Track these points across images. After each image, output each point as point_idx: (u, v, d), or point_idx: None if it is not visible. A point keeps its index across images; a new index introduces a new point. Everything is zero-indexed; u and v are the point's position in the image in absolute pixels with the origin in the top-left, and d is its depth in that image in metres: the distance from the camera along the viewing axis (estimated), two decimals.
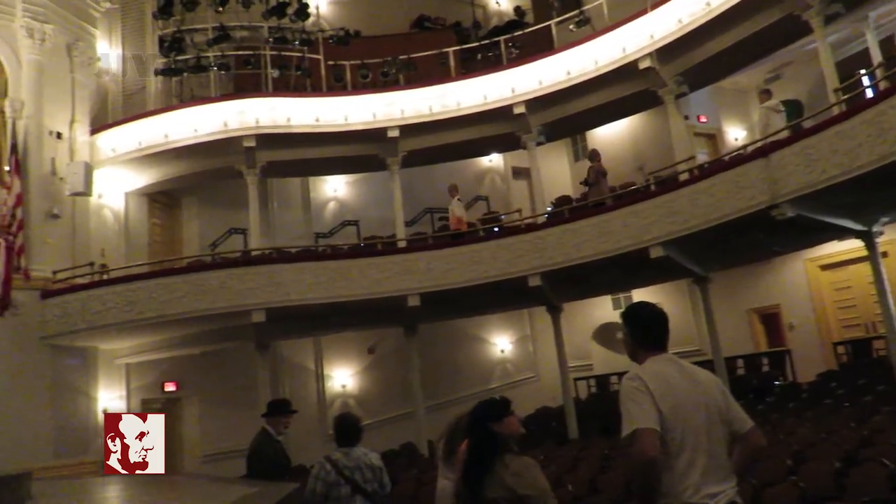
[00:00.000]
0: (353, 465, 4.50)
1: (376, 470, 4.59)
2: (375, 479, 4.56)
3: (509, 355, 16.64)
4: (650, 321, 2.81)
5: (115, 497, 4.89)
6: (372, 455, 4.69)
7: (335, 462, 4.50)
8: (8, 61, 11.73)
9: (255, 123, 12.75)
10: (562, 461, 8.91)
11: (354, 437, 4.69)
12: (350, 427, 4.74)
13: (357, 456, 4.57)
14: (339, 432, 4.69)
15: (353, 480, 4.45)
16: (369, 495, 4.50)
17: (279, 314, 11.47)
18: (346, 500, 4.44)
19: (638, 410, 2.52)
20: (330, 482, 4.46)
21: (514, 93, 12.87)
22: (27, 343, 11.04)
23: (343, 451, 4.59)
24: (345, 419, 4.82)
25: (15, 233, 11.00)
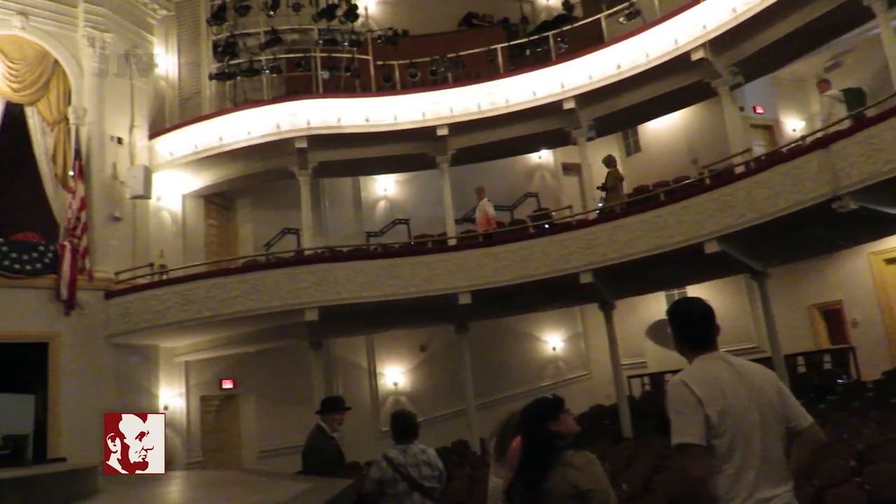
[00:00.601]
0: (410, 462, 4.53)
1: (434, 466, 4.62)
2: (433, 476, 4.58)
3: (561, 353, 16.51)
4: (694, 319, 2.68)
5: (177, 491, 5.03)
6: (429, 452, 4.71)
7: (391, 459, 4.53)
8: (71, 70, 12.17)
9: (306, 125, 12.93)
10: (616, 460, 8.80)
11: (411, 434, 4.72)
12: (407, 424, 4.77)
13: (414, 453, 4.59)
14: (395, 429, 4.73)
15: (409, 477, 4.48)
16: (427, 492, 4.52)
17: (332, 313, 11.61)
18: (403, 496, 4.47)
19: (683, 423, 2.43)
20: (386, 479, 4.50)
21: (563, 88, 12.74)
22: (93, 342, 11.45)
23: (400, 448, 4.62)
24: (401, 416, 4.86)
25: (79, 235, 11.43)
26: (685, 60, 11.59)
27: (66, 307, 11.19)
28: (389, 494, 4.48)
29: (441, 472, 4.68)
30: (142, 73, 13.15)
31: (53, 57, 12.07)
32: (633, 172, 16.69)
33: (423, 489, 4.51)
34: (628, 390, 13.99)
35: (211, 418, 13.59)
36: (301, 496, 3.46)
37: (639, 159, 17.04)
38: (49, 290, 11.11)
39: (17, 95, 11.62)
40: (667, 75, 12.04)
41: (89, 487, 4.45)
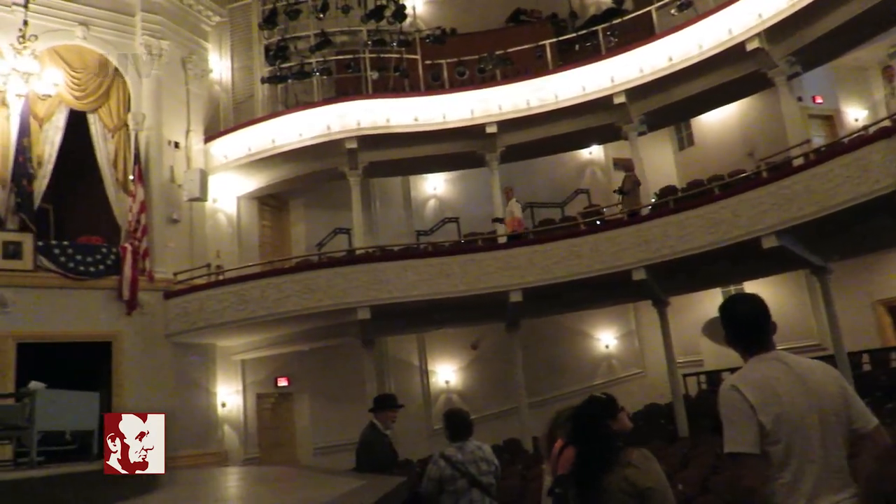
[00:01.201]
0: (467, 459, 4.55)
1: (490, 462, 4.63)
2: (491, 472, 4.59)
3: (614, 351, 16.30)
4: (747, 317, 2.52)
5: (235, 486, 5.14)
6: (485, 448, 4.73)
7: (449, 457, 4.55)
8: (130, 77, 12.55)
9: (356, 125, 13.06)
10: (672, 460, 8.65)
11: (466, 431, 4.73)
12: (461, 422, 4.79)
13: (471, 450, 4.61)
14: (450, 428, 4.74)
15: (469, 474, 4.50)
16: (485, 488, 4.53)
17: (383, 311, 11.71)
18: (462, 493, 4.49)
19: (735, 431, 2.33)
20: (445, 477, 4.52)
21: (613, 82, 12.57)
22: (153, 341, 11.79)
23: (456, 445, 4.64)
24: (455, 414, 4.87)
25: (140, 238, 11.79)
26: (740, 51, 11.31)
27: (128, 307, 11.56)
28: (448, 492, 4.50)
29: (497, 468, 4.69)
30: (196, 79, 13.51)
31: (113, 65, 12.46)
32: (686, 167, 16.39)
33: (482, 485, 4.52)
34: (684, 389, 13.72)
35: (267, 415, 13.85)
36: (355, 492, 3.49)
37: (692, 153, 16.70)
38: (112, 291, 11.49)
39: (79, 103, 12.04)
40: (721, 66, 11.77)
41: (152, 482, 4.58)
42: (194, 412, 12.12)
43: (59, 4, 11.87)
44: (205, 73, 14.01)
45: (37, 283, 10.87)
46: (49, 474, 3.74)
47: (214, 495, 4.62)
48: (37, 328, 10.73)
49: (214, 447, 12.25)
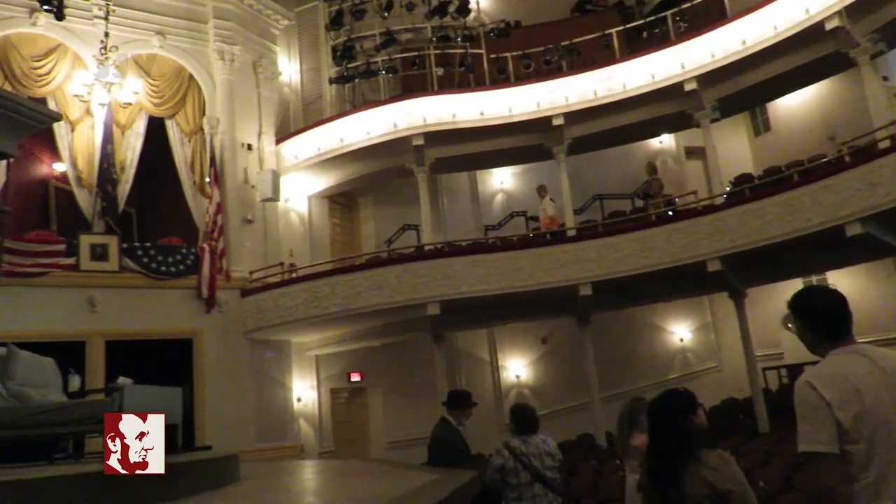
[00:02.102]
0: (532, 452, 4.52)
1: (554, 457, 4.59)
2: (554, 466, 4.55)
3: (689, 344, 15.90)
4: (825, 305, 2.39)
5: (311, 479, 5.26)
6: (550, 442, 4.70)
7: (513, 448, 4.54)
8: (204, 83, 12.97)
9: (422, 122, 13.13)
10: (752, 456, 8.39)
11: (532, 425, 4.71)
12: (527, 416, 4.78)
13: (536, 443, 4.59)
14: (516, 421, 4.73)
15: (531, 466, 4.47)
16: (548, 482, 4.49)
17: (453, 306, 11.75)
18: (525, 487, 4.47)
19: (811, 429, 2.21)
20: (508, 468, 4.51)
21: (683, 69, 12.22)
22: (231, 338, 12.17)
23: (521, 438, 4.62)
24: (522, 409, 4.87)
25: (216, 238, 12.18)
26: (819, 30, 10.81)
27: (207, 305, 11.97)
28: (511, 484, 4.48)
29: (561, 463, 4.65)
30: (266, 82, 13.87)
31: (188, 72, 12.90)
32: (762, 153, 15.83)
33: (545, 479, 4.48)
34: (763, 383, 13.27)
35: (341, 410, 14.12)
36: (427, 486, 3.52)
37: (769, 139, 16.10)
38: (191, 290, 11.92)
39: (157, 110, 12.51)
40: (798, 48, 11.28)
41: (232, 474, 4.74)
42: (272, 407, 12.46)
43: (137, 16, 12.36)
44: (274, 75, 14.34)
45: (122, 284, 11.37)
46: None
47: (292, 488, 4.74)
48: (123, 326, 11.22)
49: (291, 441, 12.56)
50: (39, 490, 3.03)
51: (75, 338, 10.73)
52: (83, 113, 11.74)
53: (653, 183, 12.75)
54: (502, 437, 4.84)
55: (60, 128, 11.39)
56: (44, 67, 11.53)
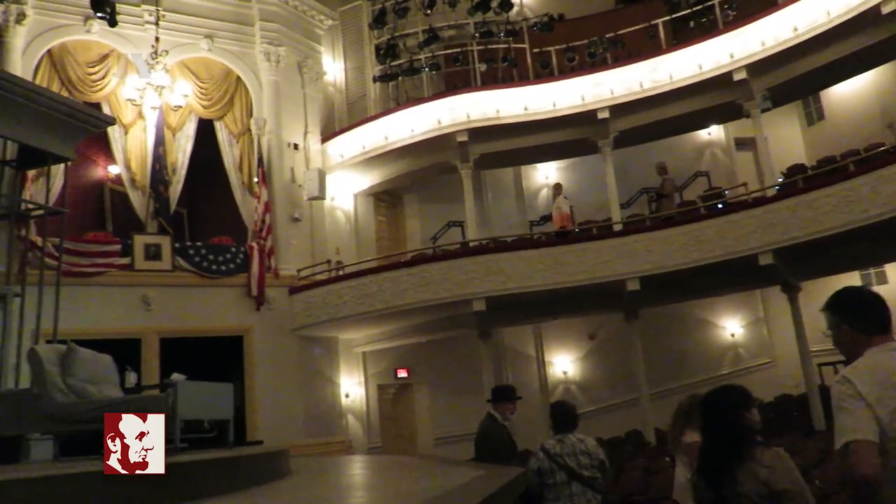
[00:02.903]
0: (567, 452, 4.50)
1: (592, 455, 4.55)
2: (592, 465, 4.51)
3: (740, 339, 15.56)
4: (863, 302, 2.34)
5: (359, 474, 5.31)
6: (587, 441, 4.65)
7: (547, 449, 4.53)
8: (251, 84, 13.19)
9: (466, 118, 13.12)
10: (808, 454, 8.16)
11: (569, 423, 4.69)
12: (564, 414, 4.75)
13: (571, 442, 4.56)
14: (553, 419, 4.72)
15: (567, 467, 4.44)
16: (586, 481, 4.46)
17: (499, 302, 11.73)
18: (562, 486, 4.45)
19: (850, 420, 2.12)
20: (544, 470, 4.50)
21: (732, 58, 11.94)
22: (280, 335, 12.37)
23: (557, 438, 4.61)
24: (559, 406, 4.85)
25: (265, 237, 12.40)
26: (874, 15, 10.45)
27: (257, 303, 12.19)
28: (549, 485, 4.47)
29: (602, 462, 4.60)
30: (311, 82, 14.05)
31: (236, 74, 13.13)
32: (816, 143, 15.39)
33: (583, 478, 4.45)
34: (819, 379, 12.91)
35: (388, 406, 14.23)
36: (474, 482, 3.52)
37: (823, 128, 15.64)
38: (241, 288, 12.14)
39: (206, 112, 12.78)
40: (853, 34, 10.92)
41: (283, 468, 4.82)
42: (320, 402, 12.63)
43: (186, 20, 12.63)
44: (319, 75, 14.51)
45: (175, 282, 11.65)
46: (191, 459, 4.01)
47: (341, 482, 4.80)
48: (176, 324, 11.50)
49: (340, 436, 12.72)
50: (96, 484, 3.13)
51: (131, 335, 11.05)
52: (136, 116, 12.06)
53: (665, 183, 12.56)
54: (549, 434, 4.82)
55: (114, 131, 11.72)
56: (98, 73, 11.88)
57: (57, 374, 5.78)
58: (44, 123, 7.70)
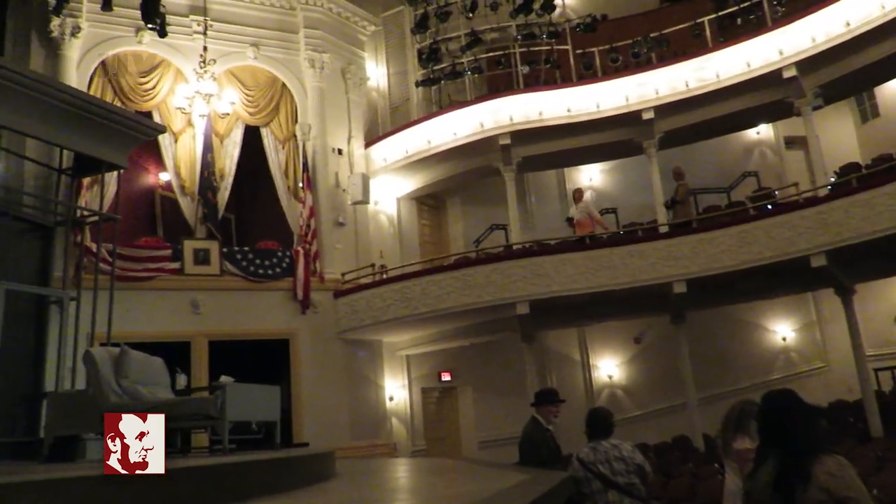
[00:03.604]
0: (600, 459, 4.45)
1: (628, 461, 4.47)
2: (628, 471, 4.44)
3: (792, 343, 15.16)
4: None
5: (404, 477, 5.34)
6: (622, 447, 4.58)
7: (581, 458, 4.49)
8: (296, 91, 13.38)
9: (508, 121, 13.09)
10: (864, 462, 7.91)
11: (603, 430, 4.64)
12: (598, 421, 4.72)
13: (605, 449, 4.50)
14: (588, 426, 4.68)
15: (601, 475, 4.39)
16: (623, 488, 4.39)
17: (542, 305, 11.66)
18: (599, 494, 4.41)
19: None
20: (579, 479, 4.45)
21: (782, 55, 11.67)
22: (326, 338, 12.50)
23: (591, 445, 4.57)
24: (594, 413, 4.82)
25: (310, 241, 12.56)
26: None
27: (302, 307, 12.35)
28: (586, 494, 4.43)
29: (639, 467, 4.51)
30: (355, 87, 14.21)
31: (281, 81, 13.34)
32: (870, 141, 14.94)
33: (619, 486, 4.38)
34: (876, 384, 12.50)
35: (432, 409, 14.25)
36: (519, 486, 3.51)
37: (878, 126, 15.17)
38: (287, 292, 12.31)
39: (253, 119, 13.01)
40: None
41: (329, 470, 4.87)
42: (365, 405, 12.72)
43: (233, 29, 12.88)
44: (363, 81, 14.64)
45: (223, 286, 11.88)
46: (240, 461, 4.08)
47: (386, 485, 4.83)
48: (225, 327, 11.72)
49: (384, 439, 12.78)
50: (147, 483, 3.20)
51: (181, 338, 11.29)
52: (185, 124, 12.34)
53: (680, 188, 12.34)
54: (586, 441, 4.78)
55: (165, 139, 12.00)
56: (149, 82, 12.19)
57: (111, 375, 5.95)
58: (99, 133, 7.93)
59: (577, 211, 12.96)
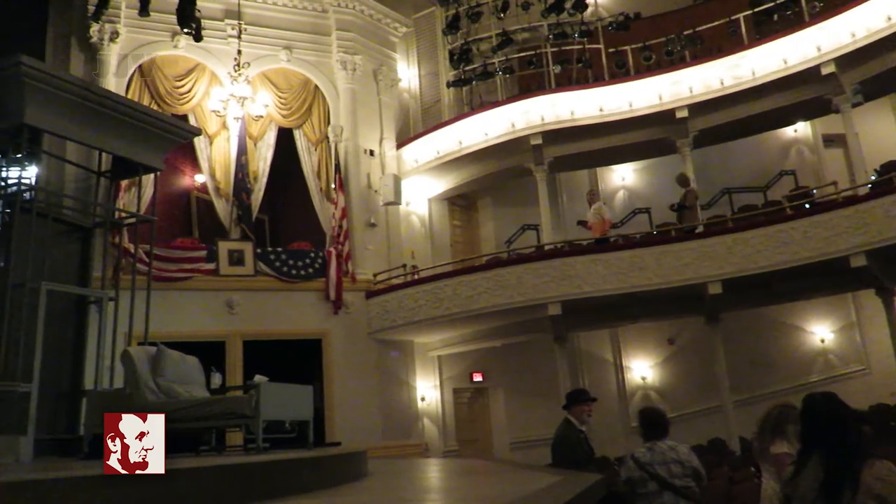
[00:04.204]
0: (657, 460, 4.37)
1: (685, 464, 4.41)
2: (685, 474, 4.37)
3: (831, 345, 14.83)
4: None
5: (436, 477, 5.34)
6: (679, 449, 4.50)
7: (637, 458, 4.42)
8: (328, 93, 13.49)
9: (540, 121, 13.04)
10: None
11: (659, 430, 4.55)
12: (654, 421, 4.62)
13: (662, 450, 4.42)
14: (643, 426, 4.60)
15: (658, 476, 4.32)
16: (679, 491, 4.33)
17: (574, 306, 11.58)
18: (654, 496, 4.34)
19: None
20: (634, 479, 4.39)
21: (820, 52, 11.44)
22: (358, 338, 12.58)
23: (647, 445, 4.49)
24: (649, 412, 4.73)
25: (342, 242, 12.65)
26: None
27: (334, 307, 12.44)
28: (640, 495, 4.36)
29: (695, 470, 4.44)
30: (386, 89, 14.28)
31: (313, 83, 13.46)
32: None
33: (675, 488, 4.31)
34: None
35: (463, 409, 14.25)
36: (551, 488, 3.49)
37: None
38: (320, 292, 12.41)
39: (286, 121, 13.14)
40: None
41: (360, 470, 4.90)
42: (396, 405, 12.77)
43: (266, 32, 13.03)
44: (394, 82, 14.70)
45: (257, 287, 12.02)
46: (273, 459, 4.13)
47: (417, 485, 4.84)
48: (259, 327, 11.85)
49: (416, 439, 12.82)
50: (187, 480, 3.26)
51: (216, 338, 11.46)
52: (220, 127, 12.52)
53: (688, 195, 12.23)
54: (628, 440, 4.75)
55: (200, 142, 12.20)
56: (185, 86, 12.40)
57: (148, 374, 6.06)
58: (137, 136, 8.09)
59: (590, 213, 12.84)
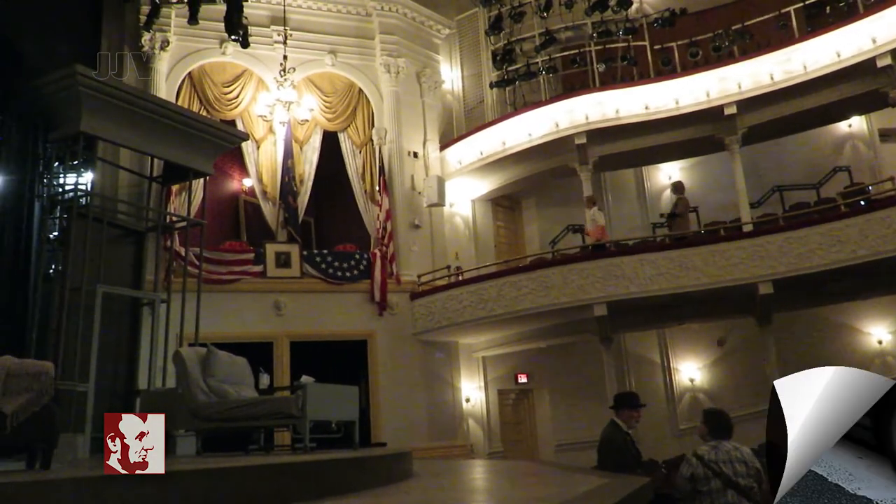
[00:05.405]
0: (722, 459, 4.43)
1: (749, 465, 4.44)
2: (749, 475, 4.40)
3: (889, 346, 14.34)
4: None
5: (481, 478, 5.34)
6: (743, 450, 4.57)
7: (701, 456, 4.47)
8: (372, 95, 13.61)
9: (584, 120, 12.91)
10: None
11: (724, 430, 4.65)
12: (719, 420, 4.72)
13: (727, 450, 4.50)
14: (708, 426, 4.68)
15: (722, 474, 4.35)
16: (742, 490, 4.34)
17: (621, 307, 11.45)
18: (717, 494, 4.38)
19: None
20: (697, 476, 4.43)
21: (875, 43, 11.06)
22: (402, 339, 12.66)
23: (711, 444, 4.55)
24: (715, 413, 4.83)
25: (387, 243, 12.74)
26: None
27: (379, 308, 12.54)
28: (702, 492, 4.39)
29: (758, 471, 4.46)
30: (430, 91, 14.34)
31: (358, 86, 13.59)
32: None
33: (739, 487, 4.32)
34: None
35: (508, 411, 14.20)
36: (598, 491, 3.46)
37: None
38: (365, 294, 12.53)
39: (331, 125, 13.30)
40: None
41: (405, 470, 4.93)
42: (441, 406, 12.80)
43: (311, 38, 13.21)
44: (437, 84, 14.75)
45: (304, 288, 12.19)
46: (319, 459, 4.18)
47: (463, 486, 4.85)
48: (305, 328, 12.02)
49: (461, 440, 12.83)
50: (237, 478, 3.33)
51: (264, 339, 11.66)
52: (266, 131, 12.74)
53: (679, 202, 11.98)
54: (676, 442, 4.71)
55: (248, 146, 12.43)
56: (233, 92, 12.65)
57: (199, 374, 6.20)
58: (187, 142, 8.31)
59: (588, 218, 12.66)
